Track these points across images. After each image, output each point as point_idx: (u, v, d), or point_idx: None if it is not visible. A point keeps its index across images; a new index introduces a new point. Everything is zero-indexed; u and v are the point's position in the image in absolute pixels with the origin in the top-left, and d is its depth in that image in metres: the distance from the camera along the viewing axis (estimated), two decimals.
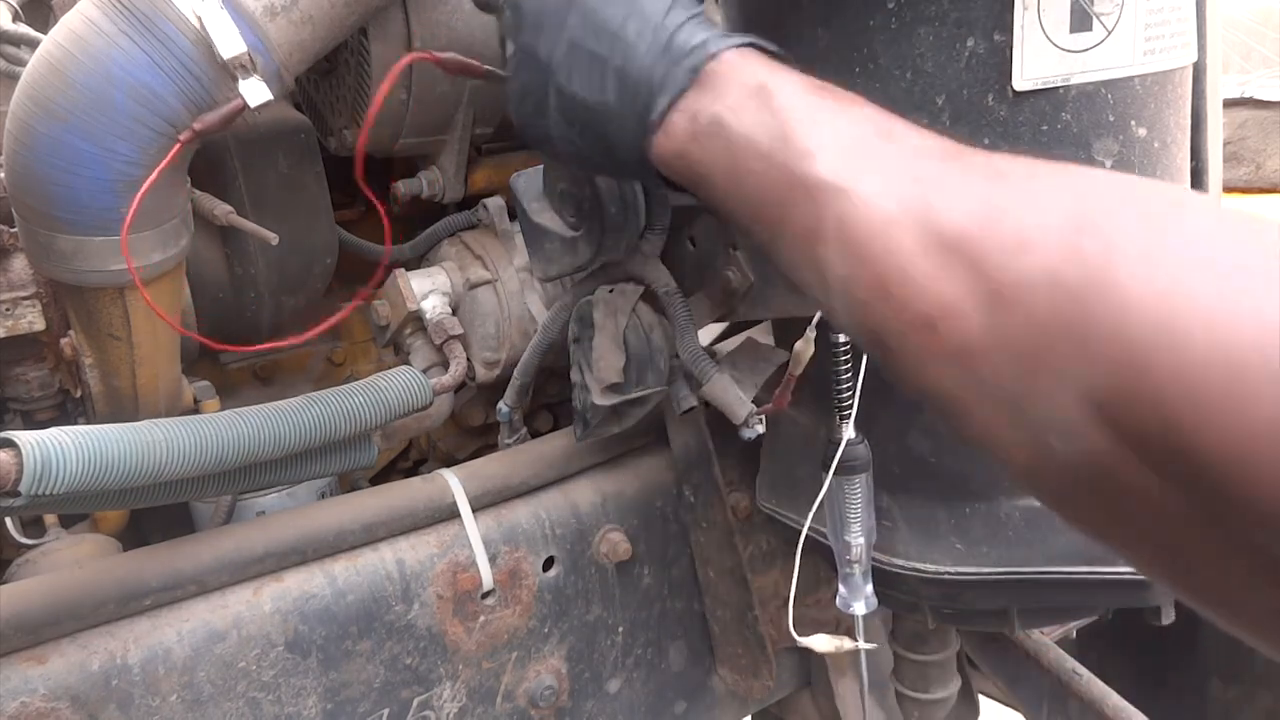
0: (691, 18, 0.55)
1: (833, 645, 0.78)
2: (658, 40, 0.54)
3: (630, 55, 0.54)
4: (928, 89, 0.69)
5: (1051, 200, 0.38)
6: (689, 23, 0.54)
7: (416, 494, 0.81)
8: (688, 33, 0.54)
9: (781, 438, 0.85)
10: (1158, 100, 0.69)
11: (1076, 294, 0.34)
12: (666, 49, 0.54)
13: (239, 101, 0.66)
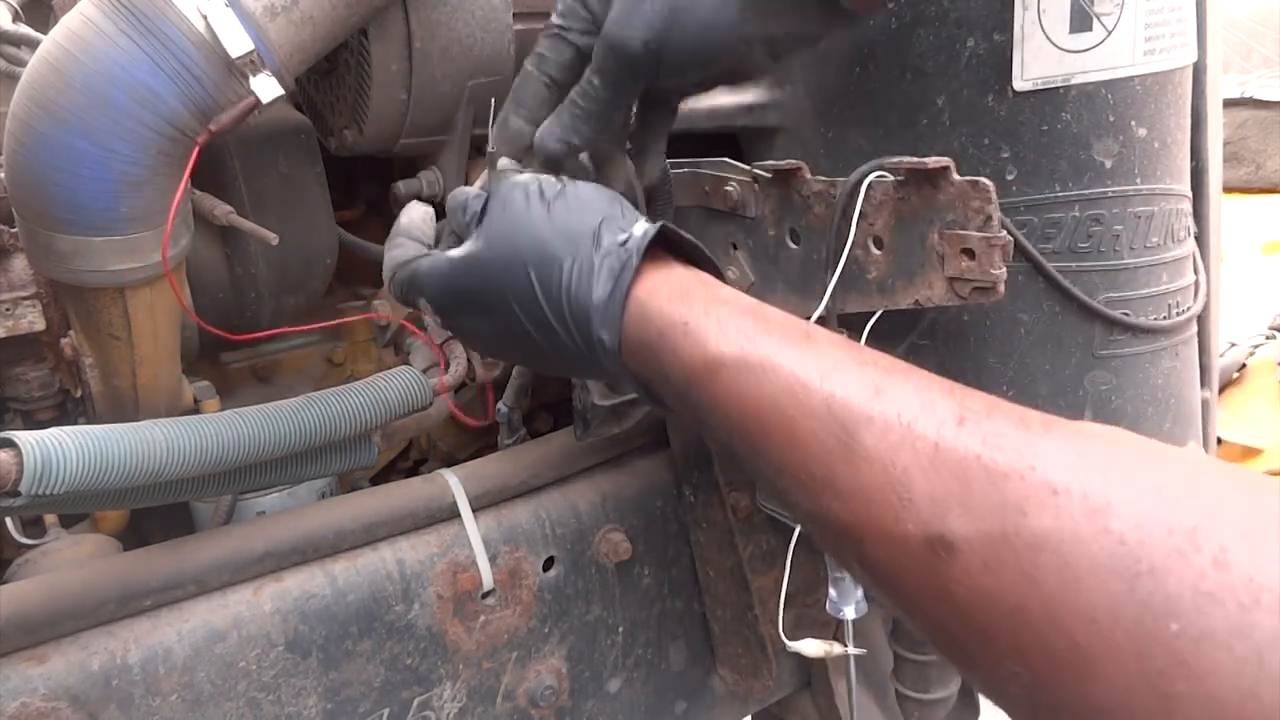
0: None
1: (822, 650, 0.79)
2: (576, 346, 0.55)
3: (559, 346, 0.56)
4: (928, 89, 0.69)
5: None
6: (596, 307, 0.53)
7: (416, 494, 0.81)
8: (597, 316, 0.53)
9: None
10: (1158, 100, 0.69)
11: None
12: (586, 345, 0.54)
13: (251, 99, 0.66)
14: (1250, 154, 2.98)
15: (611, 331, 0.53)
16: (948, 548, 0.37)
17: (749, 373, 0.47)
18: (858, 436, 0.42)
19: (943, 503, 0.38)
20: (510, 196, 0.58)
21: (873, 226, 0.68)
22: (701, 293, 0.52)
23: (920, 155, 0.63)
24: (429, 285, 0.61)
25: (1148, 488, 0.34)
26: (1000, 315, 0.70)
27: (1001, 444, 0.38)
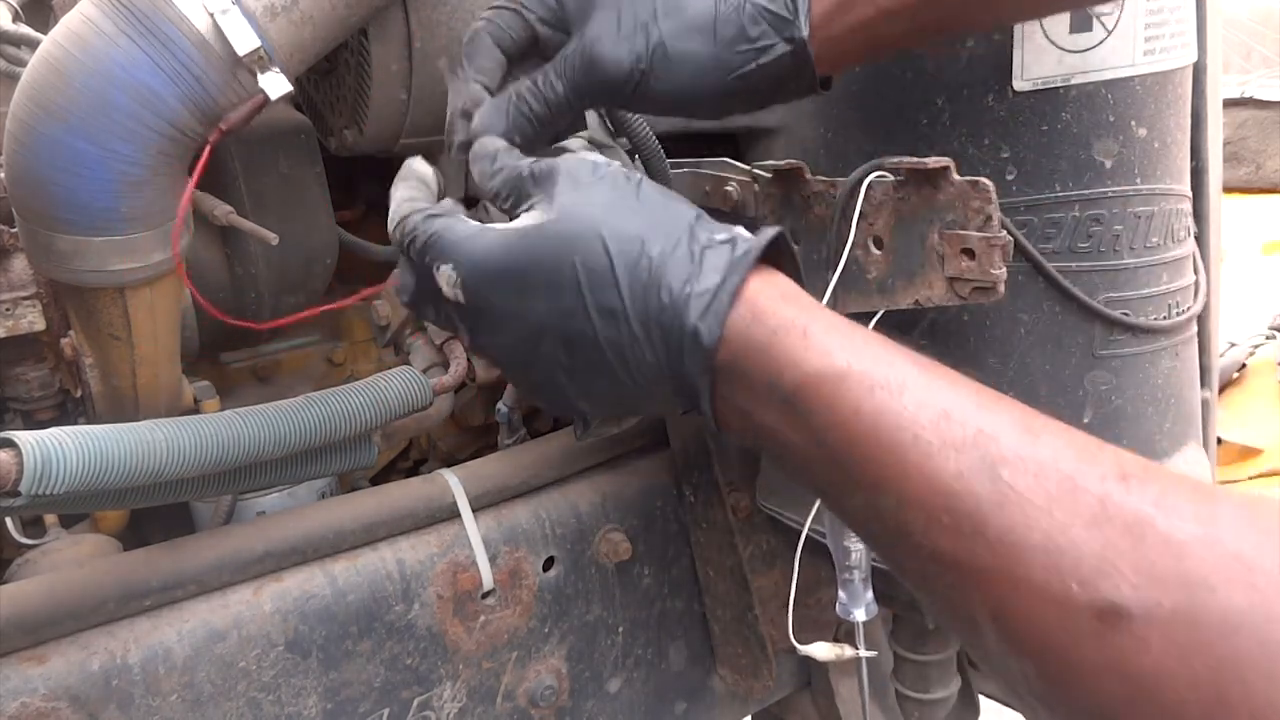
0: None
1: (833, 654, 0.78)
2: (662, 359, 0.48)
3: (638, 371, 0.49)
4: (928, 89, 0.69)
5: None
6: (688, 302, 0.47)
7: (416, 494, 0.81)
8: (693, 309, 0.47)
9: None
10: (1158, 100, 0.69)
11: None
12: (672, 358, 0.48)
13: (260, 96, 0.66)
14: (1250, 154, 2.98)
15: (713, 324, 0.46)
16: (1121, 616, 0.34)
17: (881, 390, 0.42)
18: (1011, 479, 0.38)
19: (1113, 564, 0.34)
20: (583, 173, 0.52)
21: (873, 226, 0.68)
22: (813, 301, 0.48)
23: (920, 155, 0.63)
24: (468, 257, 0.52)
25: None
26: (1000, 315, 0.70)
27: (1176, 507, 0.35)
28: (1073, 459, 0.38)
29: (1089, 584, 0.35)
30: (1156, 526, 0.34)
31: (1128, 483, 0.36)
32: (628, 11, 0.59)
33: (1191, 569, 0.33)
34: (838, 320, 0.47)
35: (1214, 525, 0.34)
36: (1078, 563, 0.35)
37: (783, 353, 0.45)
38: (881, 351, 0.44)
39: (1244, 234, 2.49)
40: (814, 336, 0.45)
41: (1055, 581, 0.35)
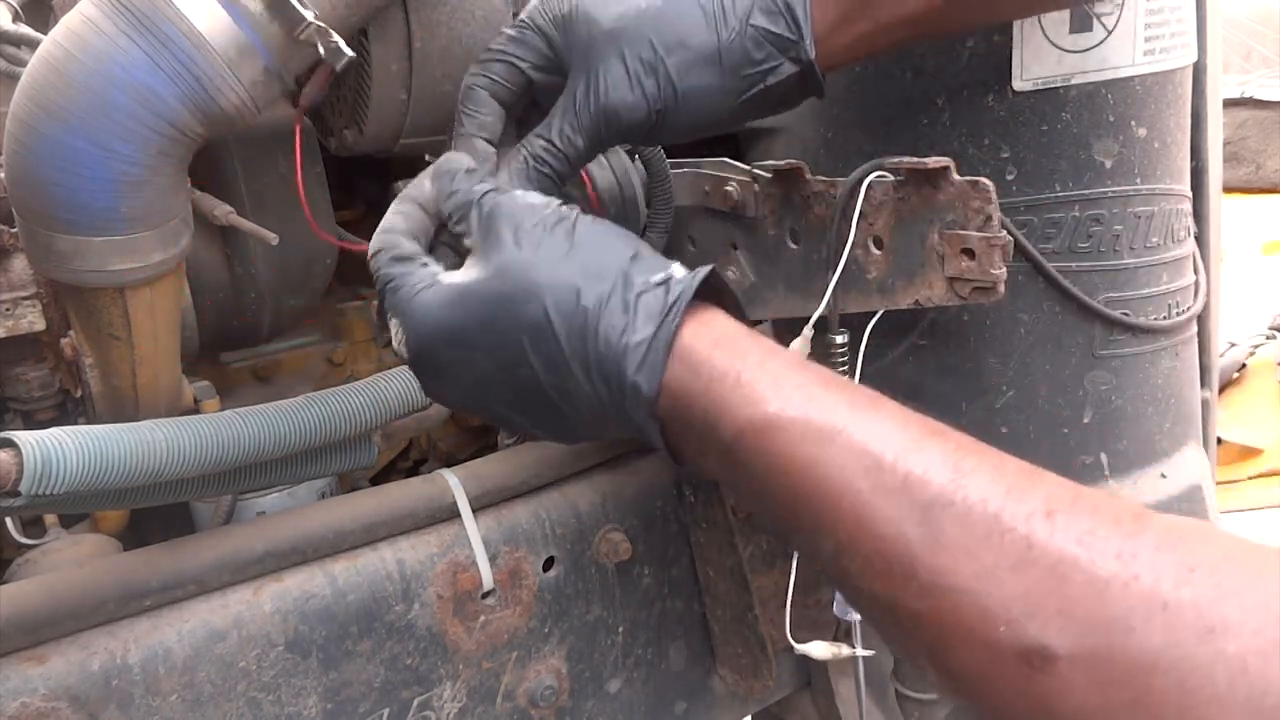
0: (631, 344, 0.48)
1: (830, 652, 0.78)
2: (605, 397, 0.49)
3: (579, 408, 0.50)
4: (928, 89, 0.69)
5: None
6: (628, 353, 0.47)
7: (416, 494, 0.81)
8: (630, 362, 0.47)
9: None
10: (1158, 100, 0.69)
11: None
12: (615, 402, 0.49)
13: (328, 66, 0.66)
14: (1250, 154, 2.98)
15: (650, 377, 0.47)
16: (1046, 659, 0.34)
17: (812, 437, 0.43)
18: (940, 523, 0.38)
19: (1038, 607, 0.35)
20: (523, 220, 0.52)
21: (873, 226, 0.68)
22: (750, 343, 0.48)
23: (920, 155, 0.63)
24: (410, 316, 0.53)
25: (1268, 611, 0.31)
26: (1000, 315, 0.70)
27: (1098, 545, 0.35)
28: (1001, 496, 0.38)
29: (1015, 626, 0.35)
30: (1079, 566, 0.35)
31: (1053, 520, 0.36)
32: (631, 54, 0.59)
33: (1112, 609, 0.33)
34: (772, 361, 0.46)
35: (1134, 563, 0.34)
36: (1005, 605, 0.35)
37: (718, 402, 0.46)
38: (815, 394, 0.44)
39: (1244, 234, 2.49)
40: (746, 385, 0.45)
41: (983, 625, 0.36)
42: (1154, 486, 0.73)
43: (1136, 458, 0.73)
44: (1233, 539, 0.35)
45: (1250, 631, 0.31)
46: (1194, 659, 0.31)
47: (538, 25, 0.62)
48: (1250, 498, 1.76)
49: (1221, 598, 0.32)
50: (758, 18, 0.58)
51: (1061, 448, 0.72)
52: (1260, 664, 0.30)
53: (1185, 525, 0.36)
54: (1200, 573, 0.33)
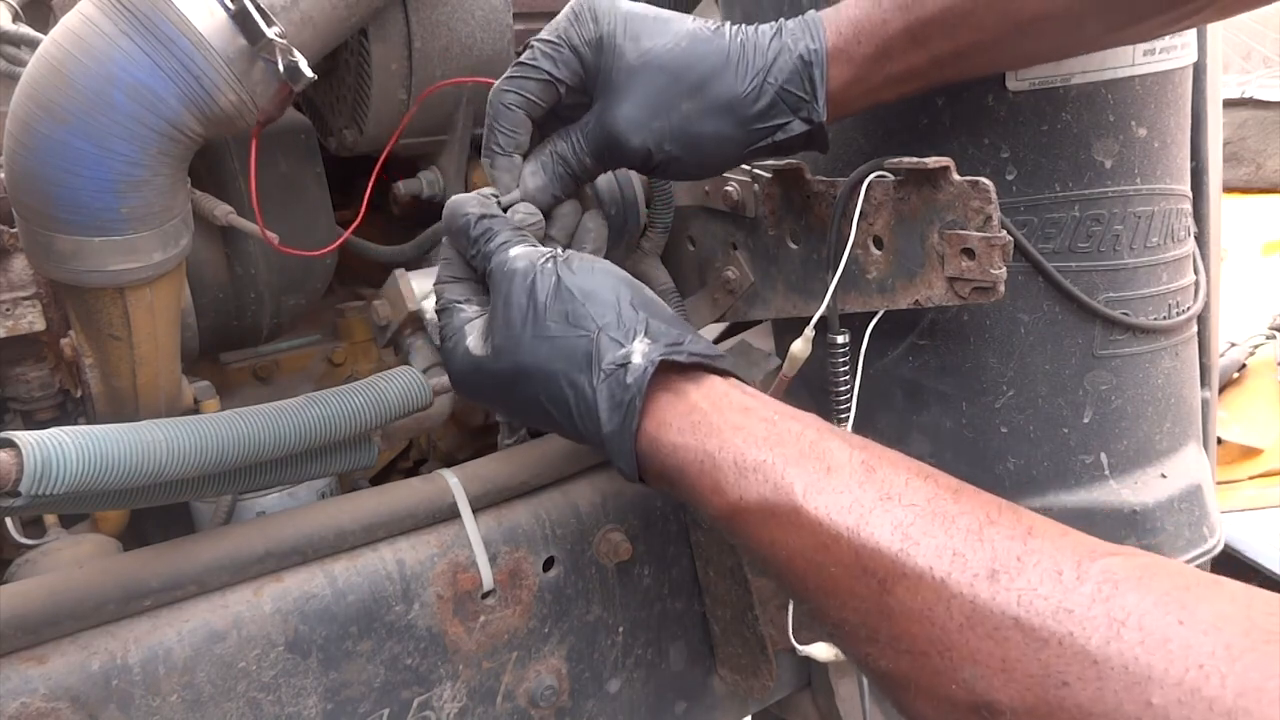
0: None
1: (834, 654, 0.78)
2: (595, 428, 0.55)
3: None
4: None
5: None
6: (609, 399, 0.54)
7: (416, 494, 0.81)
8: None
9: None
10: (1158, 100, 0.69)
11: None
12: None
13: (286, 84, 0.66)
14: (1250, 154, 2.98)
15: (628, 465, 0.54)
16: (993, 712, 0.38)
17: (773, 519, 0.47)
18: (893, 591, 0.42)
19: (984, 665, 0.38)
20: (512, 292, 0.58)
21: (873, 226, 0.68)
22: (714, 421, 0.51)
23: (920, 155, 0.63)
24: (450, 371, 0.65)
25: (1189, 660, 0.33)
26: (1000, 315, 0.70)
27: (1036, 604, 0.38)
28: (948, 561, 0.41)
29: (965, 685, 0.39)
30: (1019, 625, 0.38)
31: (996, 581, 0.39)
32: (646, 94, 0.61)
33: (1049, 666, 0.36)
34: (734, 439, 0.50)
35: (1069, 620, 0.37)
36: (955, 666, 0.39)
37: (690, 490, 0.51)
38: (772, 474, 0.48)
39: (1244, 234, 2.49)
40: (709, 475, 0.50)
41: (939, 682, 0.40)
42: (1154, 486, 0.73)
43: (1136, 457, 0.73)
44: (1173, 576, 0.37)
45: (1173, 682, 0.33)
46: (1121, 710, 0.34)
47: (573, 45, 0.63)
48: (1250, 498, 1.76)
49: (1147, 650, 0.34)
50: (776, 75, 0.60)
51: (1061, 448, 0.72)
52: (1181, 712, 0.32)
53: (1125, 571, 0.38)
54: (1129, 626, 0.35)
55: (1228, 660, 0.33)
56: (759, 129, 0.61)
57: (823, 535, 0.45)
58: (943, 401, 0.74)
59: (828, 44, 0.59)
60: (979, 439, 0.73)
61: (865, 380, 0.72)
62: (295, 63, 0.64)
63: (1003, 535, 0.41)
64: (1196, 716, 0.32)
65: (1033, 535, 0.41)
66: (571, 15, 0.63)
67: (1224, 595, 0.36)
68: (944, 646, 0.39)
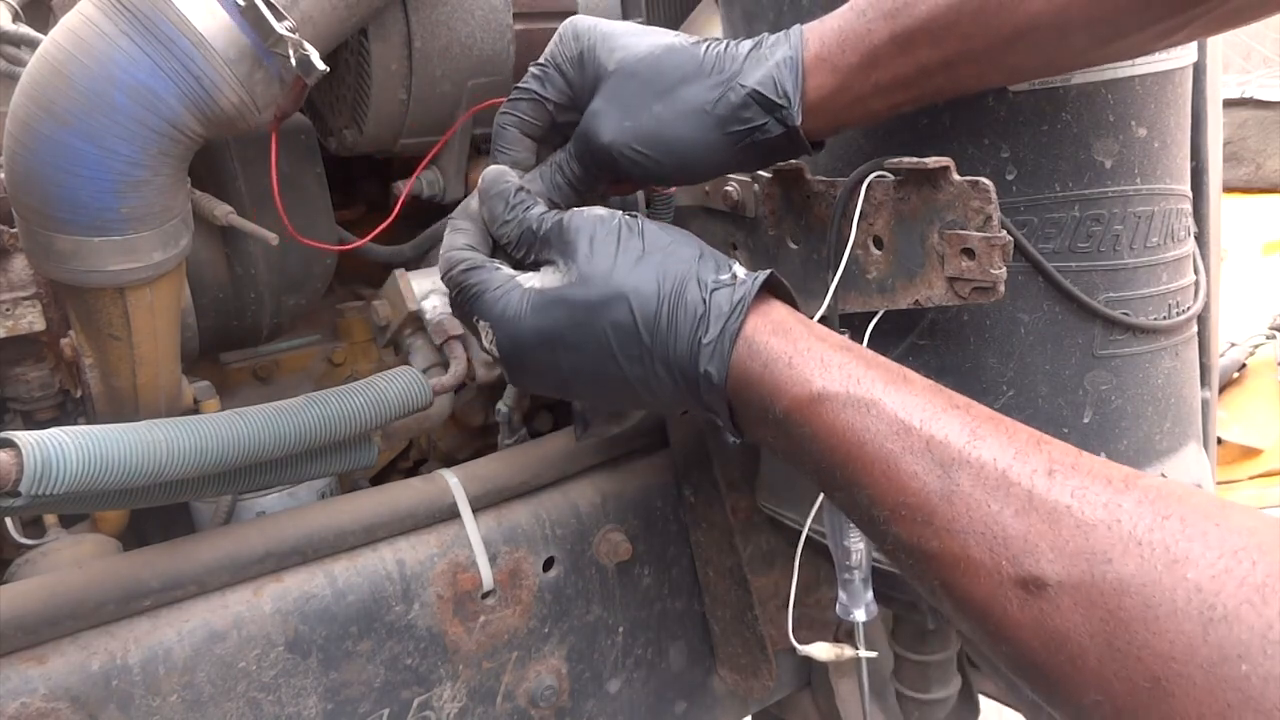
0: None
1: (833, 654, 0.78)
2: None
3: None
4: None
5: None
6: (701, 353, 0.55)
7: (416, 494, 0.81)
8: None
9: None
10: (1158, 100, 0.69)
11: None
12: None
13: (301, 77, 0.67)
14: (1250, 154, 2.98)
15: (720, 367, 0.55)
16: (1039, 585, 0.41)
17: (852, 408, 0.50)
18: (956, 477, 0.45)
19: (1035, 544, 0.42)
20: (597, 232, 0.59)
21: (873, 226, 0.68)
22: (802, 330, 0.55)
23: (920, 155, 0.63)
24: (499, 319, 0.60)
25: (1224, 546, 0.37)
26: (1000, 315, 0.70)
27: (1089, 497, 0.42)
28: (1009, 458, 0.45)
29: (1016, 560, 0.42)
30: (1071, 513, 0.42)
31: (1053, 477, 0.43)
32: (621, 97, 0.63)
33: (1095, 545, 0.40)
34: (818, 344, 0.54)
35: (1118, 511, 0.41)
36: (1007, 543, 0.43)
37: (772, 383, 0.54)
38: (854, 372, 0.52)
39: (1244, 234, 2.49)
40: (796, 367, 0.53)
41: (989, 559, 0.43)
42: None
43: (1136, 457, 0.73)
44: (1208, 499, 0.41)
45: (1207, 563, 0.37)
46: (1159, 584, 0.38)
47: (557, 64, 0.66)
48: (1250, 498, 1.76)
49: (1187, 538, 0.38)
50: (747, 79, 0.61)
51: None
52: (1213, 586, 0.36)
53: (1169, 486, 0.41)
54: (1172, 520, 0.39)
55: (1259, 551, 0.36)
56: (734, 131, 0.61)
57: (896, 425, 0.48)
58: None
59: (809, 52, 0.60)
60: None
61: None
62: (307, 55, 0.65)
63: (1058, 449, 0.45)
64: (1228, 589, 0.36)
65: (1083, 456, 0.45)
66: (556, 38, 0.67)
67: (1255, 513, 0.40)
68: (1000, 527, 0.43)
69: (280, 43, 0.64)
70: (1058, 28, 0.55)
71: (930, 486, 0.46)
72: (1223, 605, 0.36)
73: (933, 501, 0.46)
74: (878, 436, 0.49)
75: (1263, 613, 0.35)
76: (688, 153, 0.63)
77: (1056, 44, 0.57)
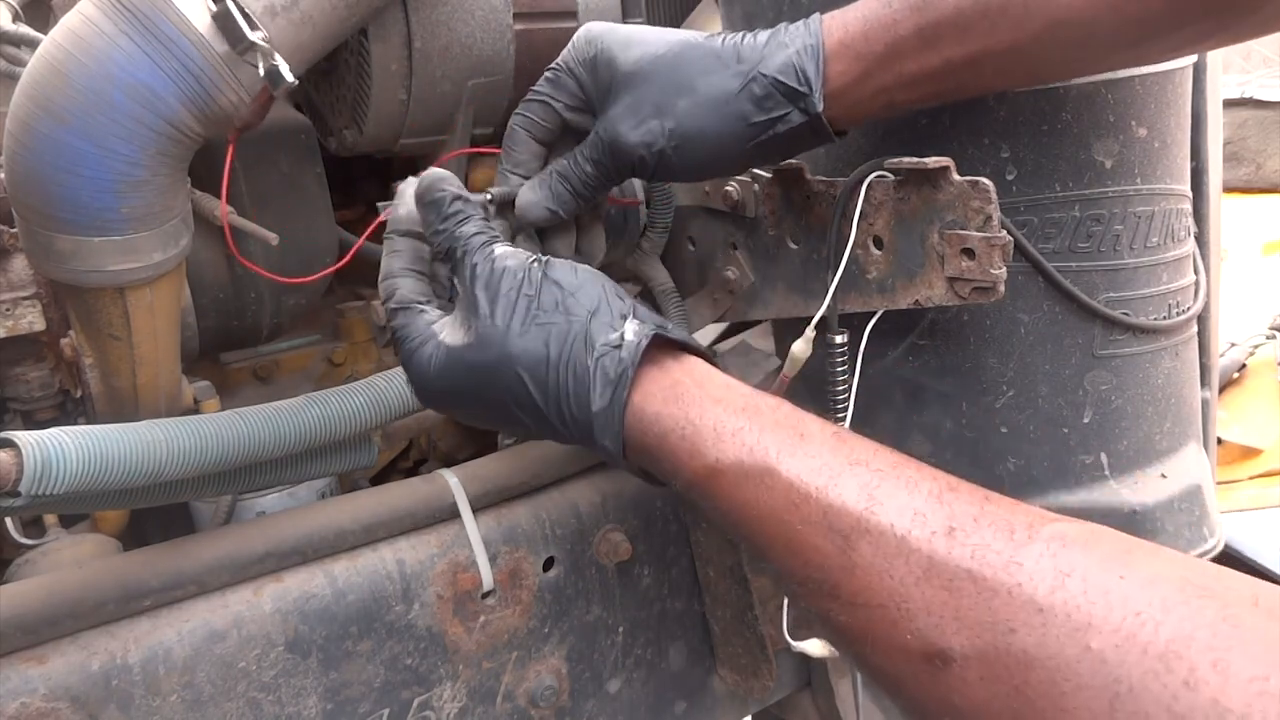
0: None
1: (827, 650, 0.78)
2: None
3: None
4: None
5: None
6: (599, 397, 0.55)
7: (416, 494, 0.81)
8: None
9: None
10: (1158, 100, 0.69)
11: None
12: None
13: (266, 90, 0.66)
14: (1250, 154, 2.97)
15: (614, 439, 0.55)
16: (945, 660, 0.40)
17: (747, 480, 0.49)
18: (856, 546, 0.44)
19: (938, 615, 0.41)
20: (499, 287, 0.58)
21: (873, 226, 0.68)
22: (695, 393, 0.54)
23: (920, 155, 0.63)
24: (415, 374, 0.61)
25: (1126, 608, 0.36)
26: (1000, 315, 0.70)
27: (989, 558, 0.41)
28: (908, 520, 0.43)
29: (920, 633, 0.41)
30: (972, 578, 0.40)
31: (952, 537, 0.42)
32: (641, 95, 0.63)
33: (998, 615, 0.39)
34: (712, 410, 0.53)
35: (1018, 573, 0.39)
36: (912, 616, 0.41)
37: (670, 455, 0.53)
38: (747, 440, 0.50)
39: (1244, 234, 2.48)
40: (688, 439, 0.52)
41: (895, 633, 0.42)
42: (1154, 486, 0.73)
43: (1136, 457, 0.73)
44: (1114, 544, 0.40)
45: (1110, 629, 0.36)
46: (1063, 654, 0.36)
47: (569, 68, 0.66)
48: (1250, 498, 1.76)
49: (1089, 600, 0.37)
50: (768, 68, 0.60)
51: (1061, 448, 0.72)
52: (1116, 656, 0.35)
53: (1072, 533, 0.40)
54: (1074, 579, 0.38)
55: (1162, 610, 0.35)
56: (757, 122, 0.61)
57: (793, 495, 0.47)
58: (943, 401, 0.74)
59: (832, 39, 0.60)
60: (979, 439, 0.73)
61: (865, 380, 0.72)
62: (276, 66, 0.64)
63: (962, 500, 0.44)
64: (1131, 659, 0.35)
65: (989, 501, 0.43)
66: (570, 43, 0.67)
67: (1162, 557, 0.39)
68: (901, 599, 0.42)
69: (251, 51, 0.64)
70: (1085, 27, 0.55)
71: (831, 560, 0.45)
72: (1127, 678, 0.35)
73: (835, 575, 0.45)
74: (776, 510, 0.48)
75: (1167, 683, 0.34)
76: (713, 146, 0.62)
77: (1083, 44, 0.56)
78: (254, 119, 0.70)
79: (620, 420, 0.54)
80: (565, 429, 0.56)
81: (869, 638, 0.44)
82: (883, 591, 0.43)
